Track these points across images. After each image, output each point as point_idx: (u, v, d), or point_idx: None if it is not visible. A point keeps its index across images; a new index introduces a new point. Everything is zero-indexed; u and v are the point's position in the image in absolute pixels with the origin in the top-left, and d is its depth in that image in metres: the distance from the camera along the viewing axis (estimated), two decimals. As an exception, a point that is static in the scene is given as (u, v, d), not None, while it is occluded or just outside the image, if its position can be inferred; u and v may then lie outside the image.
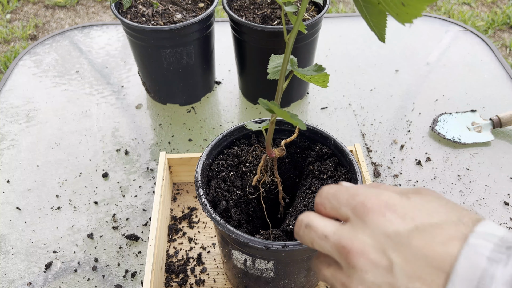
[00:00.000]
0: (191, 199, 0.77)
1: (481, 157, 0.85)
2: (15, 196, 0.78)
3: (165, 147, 0.87)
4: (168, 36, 0.82)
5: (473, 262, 0.26)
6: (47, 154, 0.86)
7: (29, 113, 0.95)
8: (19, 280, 0.66)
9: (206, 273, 0.66)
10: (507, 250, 0.26)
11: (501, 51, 2.14)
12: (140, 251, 0.70)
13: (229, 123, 0.93)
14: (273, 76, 0.46)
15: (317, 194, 0.36)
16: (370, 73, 1.06)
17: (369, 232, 0.30)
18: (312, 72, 0.45)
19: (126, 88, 1.01)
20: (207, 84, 0.98)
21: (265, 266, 0.51)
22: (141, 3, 0.90)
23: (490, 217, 0.75)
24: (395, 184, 0.80)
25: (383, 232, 0.30)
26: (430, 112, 0.95)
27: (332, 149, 0.57)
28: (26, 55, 1.10)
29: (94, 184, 0.80)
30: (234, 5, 0.91)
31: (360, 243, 0.30)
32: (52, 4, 2.48)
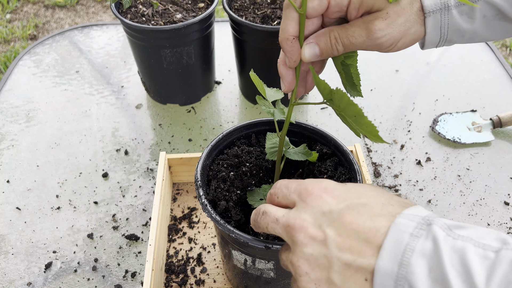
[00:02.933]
0: (191, 199, 0.77)
1: (481, 157, 0.85)
2: (15, 196, 0.78)
3: (165, 147, 0.87)
4: (168, 36, 0.82)
5: (398, 238, 0.30)
6: (47, 154, 0.86)
7: (29, 113, 0.94)
8: (19, 280, 0.66)
9: (206, 273, 0.66)
10: (427, 227, 0.30)
11: (501, 51, 2.14)
12: (140, 251, 0.70)
13: (229, 123, 0.93)
14: (270, 157, 0.52)
15: (272, 186, 0.41)
16: (370, 73, 1.05)
17: (309, 211, 0.35)
18: (301, 155, 0.52)
19: (126, 88, 1.01)
20: (207, 84, 0.98)
21: (265, 266, 0.51)
22: (141, 3, 0.90)
23: (490, 217, 0.75)
24: (395, 184, 0.80)
25: (320, 211, 0.35)
26: (430, 112, 0.95)
27: (332, 149, 0.57)
28: (26, 55, 1.10)
29: (94, 184, 0.80)
30: (234, 5, 0.91)
31: (301, 220, 0.35)
32: (52, 4, 2.48)
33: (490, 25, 0.42)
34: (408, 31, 0.41)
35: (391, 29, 0.40)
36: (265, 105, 0.49)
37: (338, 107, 0.40)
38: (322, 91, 0.40)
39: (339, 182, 0.37)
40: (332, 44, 0.41)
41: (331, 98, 0.40)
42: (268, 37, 0.82)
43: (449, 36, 0.43)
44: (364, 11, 0.40)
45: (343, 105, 0.39)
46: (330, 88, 0.39)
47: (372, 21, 0.39)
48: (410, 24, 0.41)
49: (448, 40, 0.43)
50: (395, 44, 0.41)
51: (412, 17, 0.41)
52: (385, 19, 0.39)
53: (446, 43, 0.44)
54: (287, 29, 0.40)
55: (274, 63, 0.91)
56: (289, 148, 0.53)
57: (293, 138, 0.60)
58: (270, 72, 0.86)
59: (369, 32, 0.39)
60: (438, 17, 0.41)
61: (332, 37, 0.41)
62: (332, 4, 0.40)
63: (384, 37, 0.40)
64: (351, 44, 0.41)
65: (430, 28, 0.42)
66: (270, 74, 0.86)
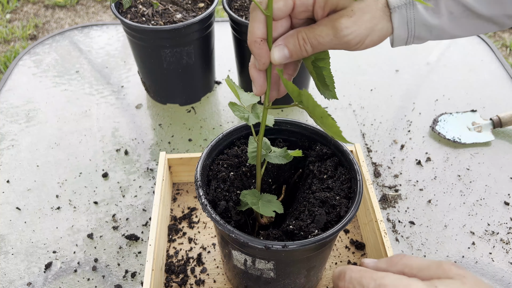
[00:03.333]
0: (191, 199, 0.77)
1: (481, 157, 0.85)
2: (15, 196, 0.78)
3: (165, 147, 0.87)
4: (168, 36, 0.82)
5: None
6: (47, 154, 0.86)
7: (29, 113, 0.94)
8: (19, 280, 0.66)
9: (206, 273, 0.66)
10: None
11: (501, 51, 2.14)
12: (140, 251, 0.70)
13: (229, 123, 0.93)
14: (252, 161, 0.51)
15: (338, 275, 0.38)
16: (370, 73, 1.05)
17: None
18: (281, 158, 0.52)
19: (126, 88, 1.01)
20: (207, 84, 0.98)
21: (265, 266, 0.51)
22: (141, 3, 0.90)
23: (490, 217, 0.75)
24: (395, 184, 0.80)
25: None
26: (430, 112, 0.95)
27: (332, 149, 0.57)
28: (26, 55, 1.10)
29: (94, 184, 0.80)
30: (234, 5, 0.91)
31: None
32: (52, 4, 2.48)
33: (459, 22, 0.42)
34: (374, 28, 0.41)
35: (357, 26, 0.40)
36: (238, 110, 0.48)
37: (307, 108, 0.40)
38: (291, 93, 0.40)
39: (428, 285, 0.34)
40: (301, 45, 0.41)
41: (301, 100, 0.40)
42: (268, 37, 0.82)
43: (417, 32, 0.43)
44: (329, 9, 0.40)
45: (311, 107, 0.39)
46: (298, 90, 0.39)
47: (337, 19, 0.39)
48: (376, 20, 0.41)
49: (417, 36, 0.43)
50: (362, 42, 0.41)
51: (378, 13, 0.41)
52: (350, 16, 0.39)
53: (415, 40, 0.44)
54: (254, 32, 0.40)
55: (274, 63, 0.91)
56: (270, 152, 0.53)
57: (293, 138, 0.60)
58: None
59: (336, 30, 0.39)
60: (404, 12, 0.41)
61: (300, 38, 0.41)
62: (298, 4, 0.40)
63: (350, 35, 0.40)
64: (319, 44, 0.40)
65: (397, 23, 0.42)
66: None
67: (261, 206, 0.49)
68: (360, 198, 0.50)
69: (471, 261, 0.69)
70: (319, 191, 0.53)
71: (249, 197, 0.49)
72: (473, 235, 0.72)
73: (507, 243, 0.71)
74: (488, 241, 0.71)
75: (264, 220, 0.55)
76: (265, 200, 0.50)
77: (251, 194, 0.50)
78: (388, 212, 0.76)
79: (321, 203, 0.51)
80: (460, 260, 0.69)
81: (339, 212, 0.50)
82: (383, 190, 0.79)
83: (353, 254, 0.69)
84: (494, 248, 0.70)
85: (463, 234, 0.72)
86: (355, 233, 0.72)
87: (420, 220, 0.74)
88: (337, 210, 0.50)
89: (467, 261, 0.69)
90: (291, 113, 0.95)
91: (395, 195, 0.78)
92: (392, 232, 0.73)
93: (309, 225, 0.49)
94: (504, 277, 0.66)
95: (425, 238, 0.72)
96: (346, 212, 0.50)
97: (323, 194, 0.52)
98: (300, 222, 0.49)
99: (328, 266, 0.67)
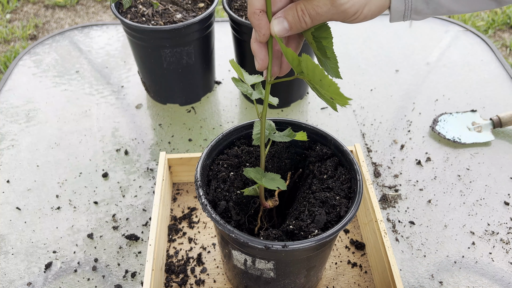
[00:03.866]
0: (191, 199, 0.77)
1: (481, 157, 0.85)
2: (15, 196, 0.78)
3: (165, 147, 0.87)
4: (168, 36, 0.82)
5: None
6: (47, 154, 0.86)
7: (29, 113, 0.94)
8: (19, 280, 0.66)
9: (206, 273, 0.66)
10: None
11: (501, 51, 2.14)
12: (140, 251, 0.70)
13: (229, 123, 0.93)
14: (256, 142, 0.51)
15: None
16: (370, 73, 1.05)
17: None
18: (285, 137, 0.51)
19: (126, 88, 1.01)
20: (207, 84, 0.98)
21: (265, 266, 0.51)
22: (141, 3, 0.90)
23: (490, 217, 0.75)
24: (395, 184, 0.80)
25: None
26: (430, 112, 0.95)
27: (332, 149, 0.57)
28: (26, 55, 1.10)
29: (94, 184, 0.80)
30: (234, 5, 0.91)
31: None
32: (52, 4, 2.48)
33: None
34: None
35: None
36: (242, 86, 0.49)
37: (307, 75, 0.40)
38: (291, 62, 0.40)
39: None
40: (299, 16, 0.41)
41: (301, 70, 0.40)
42: (268, 37, 0.82)
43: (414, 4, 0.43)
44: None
45: (311, 72, 0.39)
46: (299, 57, 0.39)
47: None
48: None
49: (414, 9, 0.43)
50: (360, 12, 0.42)
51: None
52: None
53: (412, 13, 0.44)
54: (253, 3, 0.41)
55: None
56: (274, 133, 0.53)
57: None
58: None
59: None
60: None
61: (299, 10, 0.41)
62: None
63: (347, 3, 0.40)
64: (317, 15, 0.41)
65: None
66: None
67: (265, 182, 0.48)
68: (360, 198, 0.50)
69: (471, 261, 0.69)
70: (319, 191, 0.53)
71: (253, 173, 0.49)
72: (473, 235, 0.72)
73: (507, 243, 0.71)
74: (488, 241, 0.71)
75: (269, 203, 0.54)
76: (268, 178, 0.49)
77: (255, 171, 0.49)
78: (388, 212, 0.76)
79: (321, 203, 0.52)
80: (460, 260, 0.69)
81: (339, 212, 0.50)
82: (383, 190, 0.79)
83: (353, 254, 0.69)
84: (494, 248, 0.70)
85: (463, 234, 0.72)
86: (355, 233, 0.72)
87: (420, 220, 0.74)
88: (337, 210, 0.50)
89: (467, 261, 0.69)
90: (291, 113, 0.95)
91: (395, 195, 0.78)
92: (392, 232, 0.73)
93: (309, 225, 0.49)
94: (504, 277, 0.66)
95: (425, 238, 0.72)
96: (346, 212, 0.50)
97: (323, 194, 0.52)
98: (300, 222, 0.49)
99: (328, 266, 0.67)
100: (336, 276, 0.66)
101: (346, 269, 0.67)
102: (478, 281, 0.66)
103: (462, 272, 0.67)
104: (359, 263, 0.68)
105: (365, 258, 0.68)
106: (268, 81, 0.45)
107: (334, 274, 0.66)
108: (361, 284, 0.65)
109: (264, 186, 0.48)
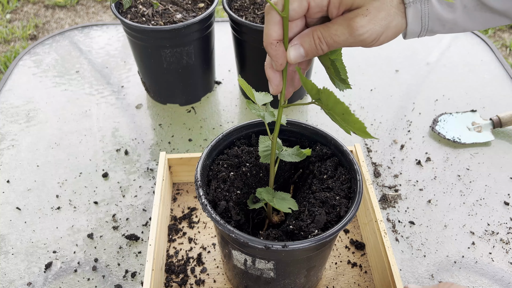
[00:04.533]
0: (191, 199, 0.77)
1: (481, 157, 0.85)
2: (15, 196, 0.78)
3: (165, 147, 0.87)
4: (168, 36, 0.82)
5: None
6: (47, 154, 0.86)
7: (29, 113, 0.94)
8: (19, 280, 0.66)
9: (206, 273, 0.66)
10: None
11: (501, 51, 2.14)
12: (140, 251, 0.70)
13: (229, 123, 0.93)
14: (264, 160, 0.52)
15: None
16: (370, 73, 1.05)
17: None
18: (295, 157, 0.52)
19: (126, 88, 1.01)
20: (207, 84, 0.98)
21: (265, 266, 0.51)
22: (141, 3, 0.90)
23: (490, 217, 0.75)
24: (395, 184, 0.80)
25: None
26: (430, 112, 0.95)
27: (332, 149, 0.57)
28: (26, 55, 1.10)
29: (94, 184, 0.80)
30: (234, 5, 0.91)
31: None
32: (52, 4, 2.48)
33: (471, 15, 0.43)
34: (389, 25, 0.41)
35: (373, 24, 0.40)
36: (255, 108, 0.50)
37: (327, 106, 0.40)
38: (309, 91, 0.41)
39: None
40: (316, 44, 0.41)
41: (319, 97, 0.40)
42: (268, 37, 0.82)
43: (430, 26, 0.43)
44: (344, 9, 0.41)
45: (331, 104, 0.40)
46: (317, 87, 0.40)
47: (353, 19, 0.40)
48: (391, 17, 0.41)
49: (430, 30, 0.44)
50: (377, 39, 0.42)
51: (393, 10, 0.41)
52: (365, 15, 0.40)
53: (427, 33, 0.44)
54: (270, 34, 0.41)
55: (274, 63, 0.90)
56: (282, 151, 0.53)
57: (293, 138, 0.60)
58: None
59: (351, 29, 0.40)
60: (418, 6, 0.42)
61: (315, 37, 0.41)
62: (312, 5, 0.40)
63: (366, 33, 0.40)
64: (334, 43, 0.41)
65: (411, 18, 0.42)
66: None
67: (277, 203, 0.49)
68: (360, 198, 0.50)
69: (471, 261, 0.69)
70: (319, 191, 0.53)
71: (265, 194, 0.50)
72: (473, 235, 0.72)
73: (507, 243, 0.71)
74: (488, 241, 0.71)
75: (275, 219, 0.56)
76: (279, 197, 0.50)
77: (266, 191, 0.50)
78: (388, 212, 0.76)
79: (321, 203, 0.52)
80: (460, 260, 0.69)
81: (339, 212, 0.50)
82: (383, 190, 0.79)
83: (353, 254, 0.69)
84: (494, 248, 0.70)
85: (463, 234, 0.72)
86: (355, 233, 0.72)
87: (420, 220, 0.74)
88: (337, 210, 0.50)
89: (467, 261, 0.69)
90: (291, 113, 0.95)
91: (395, 195, 0.78)
92: (392, 232, 0.73)
93: (309, 225, 0.49)
94: (504, 277, 0.67)
95: (425, 238, 0.72)
96: (346, 212, 0.50)
97: (323, 194, 0.52)
98: (300, 222, 0.49)
99: (328, 266, 0.67)
100: (336, 276, 0.66)
101: (346, 269, 0.67)
102: (478, 281, 0.66)
103: (462, 272, 0.67)
104: (359, 263, 0.68)
105: (365, 258, 0.68)
106: (281, 105, 0.46)
107: (334, 274, 0.66)
108: (361, 284, 0.65)
109: (276, 207, 0.49)
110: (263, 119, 0.49)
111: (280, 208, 0.48)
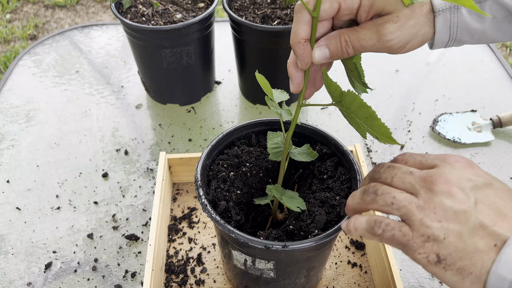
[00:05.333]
0: (191, 199, 0.77)
1: (481, 157, 0.85)
2: (15, 196, 0.78)
3: (165, 147, 0.87)
4: (168, 36, 0.82)
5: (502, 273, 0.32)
6: (47, 154, 0.86)
7: (29, 113, 0.94)
8: (19, 280, 0.66)
9: (206, 273, 0.66)
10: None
11: (501, 51, 2.14)
12: (140, 251, 0.70)
13: (229, 123, 0.93)
14: (274, 157, 0.52)
15: (396, 158, 0.41)
16: (370, 73, 1.05)
17: (455, 173, 0.36)
18: (306, 156, 0.53)
19: (126, 88, 1.01)
20: (207, 84, 0.98)
21: (265, 266, 0.51)
22: (141, 3, 0.90)
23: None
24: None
25: (466, 177, 0.36)
26: (430, 112, 0.95)
27: (332, 149, 0.57)
28: (26, 55, 1.10)
29: (94, 184, 0.80)
30: (234, 5, 0.91)
31: (446, 177, 0.36)
32: (52, 4, 2.48)
33: (500, 26, 0.43)
34: (417, 33, 0.42)
35: (401, 32, 0.40)
36: (273, 106, 0.50)
37: (349, 109, 0.40)
38: (332, 92, 0.40)
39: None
40: (343, 47, 0.41)
41: (341, 100, 0.40)
42: (268, 37, 0.82)
43: (458, 35, 0.43)
44: (374, 14, 0.41)
45: (355, 107, 0.39)
46: (341, 89, 0.40)
47: (382, 24, 0.40)
48: (420, 26, 0.41)
49: (457, 40, 0.44)
50: (404, 46, 0.42)
51: (422, 19, 0.41)
52: (395, 22, 0.40)
53: (455, 43, 0.44)
54: (298, 33, 0.41)
55: (274, 63, 0.90)
56: (292, 149, 0.53)
57: (293, 138, 0.60)
58: (270, 72, 0.86)
59: (380, 35, 0.40)
60: (448, 16, 0.42)
61: (342, 40, 0.41)
62: (343, 7, 0.40)
63: (394, 40, 0.41)
64: (361, 47, 0.41)
65: (440, 27, 0.42)
66: (270, 74, 0.86)
67: (286, 201, 0.49)
68: (360, 198, 0.50)
69: (471, 261, 0.69)
70: (319, 191, 0.53)
71: (275, 191, 0.50)
72: (473, 235, 0.72)
73: (507, 243, 0.71)
74: (488, 241, 0.71)
75: (280, 217, 0.56)
76: (287, 196, 0.50)
77: (276, 189, 0.50)
78: (388, 212, 0.75)
79: (321, 203, 0.52)
80: (460, 260, 0.69)
81: (339, 212, 0.50)
82: (383, 190, 0.79)
83: (353, 254, 0.69)
84: (494, 248, 0.70)
85: (463, 234, 0.72)
86: (355, 233, 0.72)
87: (420, 220, 0.74)
88: (337, 210, 0.50)
89: (467, 261, 0.69)
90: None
91: (395, 195, 0.78)
92: (392, 232, 0.72)
93: (309, 225, 0.49)
94: (504, 277, 0.66)
95: (425, 238, 0.72)
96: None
97: (323, 194, 0.52)
98: (300, 222, 0.49)
99: (328, 266, 0.67)
100: (336, 276, 0.66)
101: (346, 269, 0.67)
102: (478, 281, 0.66)
103: (462, 272, 0.67)
104: (359, 263, 0.68)
105: (365, 258, 0.68)
106: (299, 104, 0.46)
107: (334, 274, 0.66)
108: (361, 284, 0.65)
109: (286, 205, 0.49)
110: (280, 117, 0.49)
111: (289, 206, 0.48)
